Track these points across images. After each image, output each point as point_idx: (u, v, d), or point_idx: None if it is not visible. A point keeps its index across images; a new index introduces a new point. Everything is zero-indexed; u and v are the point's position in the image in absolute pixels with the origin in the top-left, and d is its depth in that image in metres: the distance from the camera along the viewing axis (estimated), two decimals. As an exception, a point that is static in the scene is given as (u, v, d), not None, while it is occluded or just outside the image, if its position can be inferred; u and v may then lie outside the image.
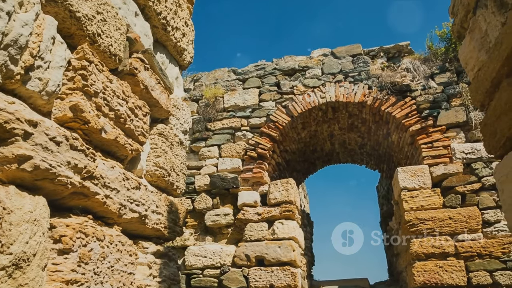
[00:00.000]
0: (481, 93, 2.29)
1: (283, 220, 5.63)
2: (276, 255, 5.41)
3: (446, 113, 5.65)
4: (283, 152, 6.90)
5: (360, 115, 6.45)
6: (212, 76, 7.14)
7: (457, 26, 2.63)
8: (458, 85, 5.80)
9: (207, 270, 5.69)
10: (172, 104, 3.05)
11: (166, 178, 2.77)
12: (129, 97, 2.29)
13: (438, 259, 4.96)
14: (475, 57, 2.40)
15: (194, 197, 6.18)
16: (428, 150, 5.55)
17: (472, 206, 5.14)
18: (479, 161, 5.32)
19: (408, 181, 5.39)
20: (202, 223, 6.04)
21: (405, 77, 6.07)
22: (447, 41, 6.19)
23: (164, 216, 2.67)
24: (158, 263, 2.59)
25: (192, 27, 3.55)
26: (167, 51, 3.20)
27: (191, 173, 6.29)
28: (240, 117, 6.51)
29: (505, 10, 1.91)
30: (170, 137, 2.94)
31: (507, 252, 4.84)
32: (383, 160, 7.66)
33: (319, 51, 6.82)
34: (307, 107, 6.26)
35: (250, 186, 6.03)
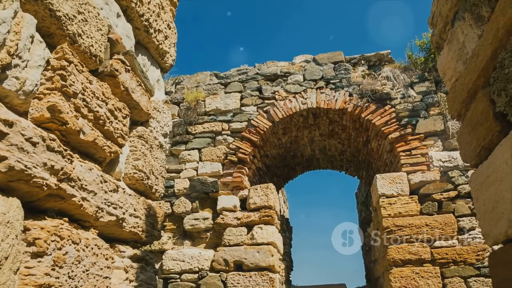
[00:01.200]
0: (458, 103, 2.34)
1: (262, 225, 5.63)
2: (255, 260, 5.40)
3: (425, 121, 5.76)
4: (264, 157, 6.91)
5: (340, 122, 6.51)
6: (194, 79, 7.11)
7: (436, 37, 2.69)
8: (436, 95, 5.92)
9: (185, 275, 5.64)
10: (152, 107, 3.03)
11: (145, 181, 2.74)
12: (109, 98, 2.26)
13: (414, 265, 5.04)
14: (452, 68, 2.45)
15: (173, 201, 6.12)
16: (406, 158, 5.64)
17: (448, 213, 5.24)
18: (455, 170, 5.43)
19: (387, 188, 5.46)
20: (181, 227, 5.99)
21: (385, 85, 6.16)
22: (426, 51, 6.32)
23: (142, 219, 2.64)
24: (135, 267, 2.56)
25: (175, 29, 3.54)
26: (149, 53, 3.18)
27: (171, 176, 6.24)
28: (221, 121, 6.50)
29: (481, 23, 1.96)
30: (150, 140, 2.91)
31: (481, 259, 4.95)
32: (363, 166, 7.75)
33: (301, 57, 6.87)
34: (288, 112, 6.30)
35: (230, 191, 6.02)
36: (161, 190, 3.05)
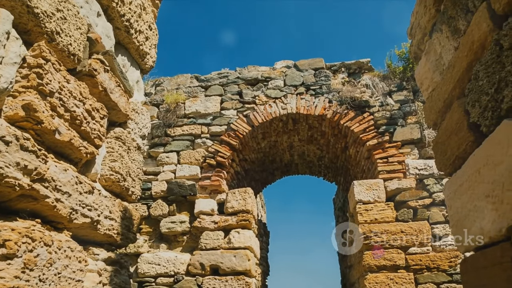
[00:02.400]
0: (434, 112, 2.39)
1: (240, 229, 5.62)
2: (231, 264, 5.38)
3: (402, 129, 5.86)
4: (242, 161, 6.91)
5: (319, 128, 6.57)
6: (175, 81, 7.07)
7: (414, 47, 2.74)
8: (414, 104, 6.03)
9: (160, 278, 5.56)
10: (131, 108, 2.99)
11: (122, 183, 2.70)
12: (87, 98, 2.23)
13: (389, 271, 5.10)
14: (429, 78, 2.50)
15: (150, 203, 6.05)
16: (383, 165, 5.72)
17: (423, 220, 5.33)
18: (431, 177, 5.54)
19: (364, 194, 5.53)
20: (157, 230, 5.91)
21: (364, 93, 6.25)
22: (405, 61, 6.43)
23: (118, 222, 2.60)
24: (109, 271, 2.51)
25: (156, 31, 3.51)
26: (129, 54, 3.14)
27: (148, 178, 6.17)
28: (201, 124, 6.47)
29: (458, 36, 2.01)
30: (128, 141, 2.87)
31: (454, 265, 5.05)
32: (340, 173, 7.82)
33: (283, 63, 6.91)
34: (268, 117, 6.31)
35: (208, 194, 5.99)
36: (137, 192, 3.02)
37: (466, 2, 1.86)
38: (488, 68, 1.68)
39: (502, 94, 1.58)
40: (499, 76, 1.60)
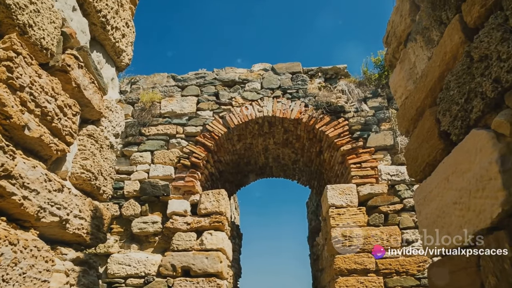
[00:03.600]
0: (407, 120, 2.44)
1: (212, 231, 5.59)
2: (203, 266, 5.34)
3: (376, 136, 5.96)
4: (217, 163, 6.88)
5: (295, 132, 6.61)
6: (151, 80, 6.98)
7: (390, 55, 2.80)
8: (388, 110, 6.15)
9: (130, 279, 5.47)
10: (105, 106, 2.94)
11: (93, 181, 2.65)
12: (59, 94, 2.18)
13: (359, 275, 5.17)
14: (403, 86, 2.55)
15: (122, 203, 5.95)
16: (356, 170, 5.80)
17: (393, 225, 5.43)
18: (402, 183, 5.65)
19: (337, 198, 5.59)
20: (129, 230, 5.82)
21: (340, 98, 6.33)
22: (380, 68, 6.55)
23: (87, 221, 2.55)
24: (77, 271, 2.46)
25: (133, 28, 3.47)
26: (105, 51, 3.09)
27: (121, 178, 6.07)
28: (176, 124, 6.41)
29: (431, 46, 2.06)
30: (100, 139, 2.82)
31: (422, 270, 5.16)
32: (314, 176, 7.89)
33: (260, 66, 6.92)
34: (244, 119, 6.31)
35: (181, 195, 5.93)
36: (109, 191, 2.97)
37: (440, 14, 1.91)
38: (459, 79, 1.73)
39: (471, 104, 1.63)
40: (469, 87, 1.64)
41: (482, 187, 1.51)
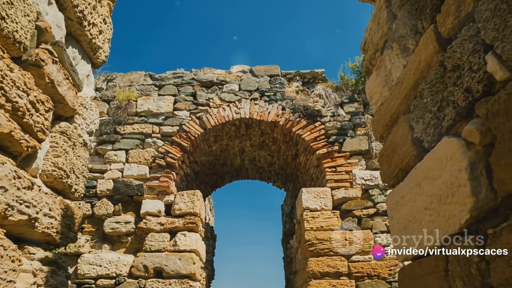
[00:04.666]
0: (381, 126, 2.48)
1: (186, 232, 5.55)
2: (176, 267, 5.30)
3: (351, 140, 6.05)
4: (193, 163, 6.84)
5: (272, 134, 6.63)
6: (128, 78, 6.89)
7: (367, 62, 2.84)
8: (364, 116, 6.24)
9: (100, 280, 5.37)
10: (79, 103, 2.88)
11: (64, 180, 2.59)
12: (31, 89, 2.12)
13: (332, 278, 5.22)
14: (379, 92, 2.59)
15: (94, 202, 5.83)
16: (331, 174, 5.87)
17: (366, 229, 5.51)
18: (376, 188, 5.74)
19: (311, 201, 5.63)
20: (101, 230, 5.71)
21: (317, 103, 6.39)
22: (357, 74, 6.65)
23: (58, 220, 2.49)
24: (45, 271, 2.39)
25: (111, 25, 3.41)
26: (81, 47, 3.03)
27: (94, 176, 5.96)
28: (152, 123, 6.34)
29: (407, 54, 2.10)
30: (74, 136, 2.76)
31: (393, 273, 5.25)
32: (290, 179, 7.93)
33: (239, 67, 6.92)
34: (221, 120, 6.30)
35: (156, 195, 5.87)
36: (81, 190, 2.90)
37: (416, 24, 1.95)
38: (433, 87, 1.77)
39: (443, 112, 1.67)
40: (441, 95, 1.68)
41: (452, 193, 1.54)
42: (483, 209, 1.38)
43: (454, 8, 1.57)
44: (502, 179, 1.27)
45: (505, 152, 1.25)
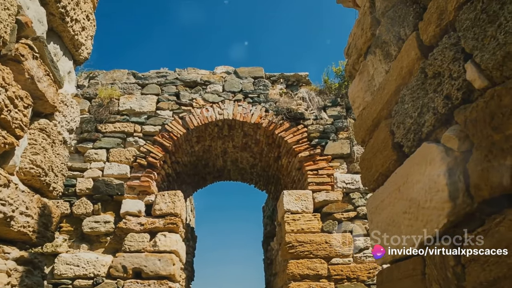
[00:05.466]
0: (363, 130, 2.50)
1: (166, 233, 5.50)
2: (155, 268, 5.25)
3: (333, 144, 6.09)
4: (175, 164, 6.79)
5: (254, 136, 6.64)
6: (110, 76, 6.80)
7: (350, 66, 2.87)
8: (346, 120, 6.30)
9: (78, 281, 5.28)
10: (60, 100, 2.84)
11: (42, 178, 2.54)
12: (10, 85, 2.08)
13: (312, 280, 5.25)
14: (361, 97, 2.62)
15: (73, 201, 5.73)
16: (313, 177, 5.90)
17: (346, 232, 5.55)
18: (356, 192, 5.79)
19: (292, 204, 5.65)
20: (79, 229, 5.62)
21: (300, 106, 6.42)
22: (341, 78, 6.71)
23: (35, 219, 2.44)
24: (20, 271, 2.35)
25: (94, 22, 3.37)
26: (62, 43, 2.98)
27: (73, 175, 5.86)
28: (134, 122, 6.27)
29: (389, 60, 2.13)
30: (53, 134, 2.72)
31: (372, 276, 5.30)
32: (272, 181, 7.94)
33: (223, 68, 6.91)
34: (204, 121, 6.27)
35: (136, 195, 5.80)
36: (60, 188, 2.86)
37: (399, 30, 1.98)
38: (414, 93, 1.80)
39: (424, 118, 1.70)
40: (422, 101, 1.71)
41: (430, 198, 1.57)
42: (460, 214, 1.41)
43: (436, 16, 1.60)
44: (479, 185, 1.29)
45: (481, 158, 1.28)
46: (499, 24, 1.22)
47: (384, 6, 2.14)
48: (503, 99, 1.18)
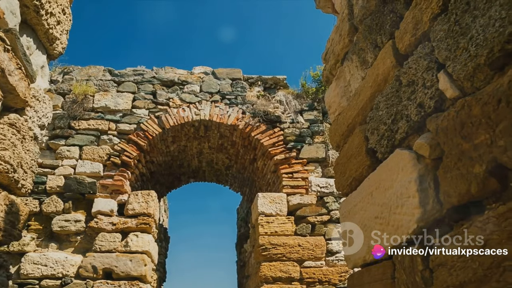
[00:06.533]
0: (338, 135, 2.53)
1: (139, 233, 5.43)
2: (126, 268, 5.17)
3: (309, 147, 6.14)
4: (149, 163, 6.71)
5: (230, 137, 6.62)
6: (86, 72, 6.67)
7: (327, 71, 2.89)
8: (322, 124, 6.36)
9: (45, 281, 5.13)
10: (31, 94, 2.76)
11: (11, 174, 2.47)
12: (-20, 78, 2.01)
13: (284, 283, 5.27)
14: (337, 102, 2.65)
15: (43, 199, 5.58)
16: (288, 180, 5.93)
17: (319, 236, 5.60)
18: (330, 196, 5.85)
19: (267, 206, 5.66)
20: (48, 228, 5.47)
21: (277, 108, 6.44)
22: (318, 83, 6.77)
23: (1, 216, 2.37)
24: (-16, 270, 2.27)
25: (70, 16, 3.30)
26: (36, 36, 2.91)
27: (44, 172, 5.71)
28: (109, 120, 6.16)
29: (366, 67, 2.16)
30: (23, 129, 2.64)
31: (343, 280, 5.36)
32: (247, 184, 7.94)
33: (201, 68, 6.87)
34: (180, 121, 6.22)
35: (109, 194, 5.70)
36: (29, 185, 2.78)
37: (376, 38, 2.01)
38: (388, 101, 1.83)
39: (397, 125, 1.73)
40: (396, 109, 1.74)
41: (401, 203, 1.60)
42: (429, 220, 1.44)
43: (412, 26, 1.64)
44: (448, 191, 1.33)
45: (451, 166, 1.31)
46: (471, 36, 1.25)
47: (362, 14, 2.17)
48: (473, 109, 1.21)
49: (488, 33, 1.16)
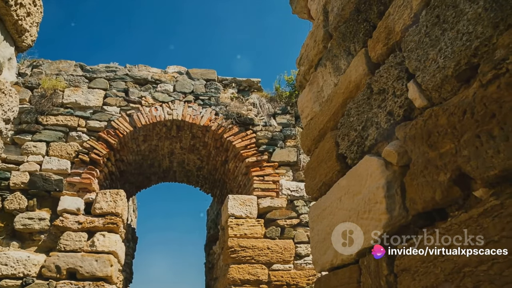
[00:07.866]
0: (310, 139, 2.56)
1: (106, 233, 5.32)
2: (91, 269, 5.06)
3: (281, 151, 6.18)
4: (119, 162, 6.60)
5: (203, 138, 6.59)
6: (56, 66, 6.50)
7: (301, 76, 2.92)
8: (294, 128, 6.42)
9: (5, 281, 4.95)
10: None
11: (-27, 169, 2.38)
12: None
13: (252, 285, 5.27)
14: (310, 107, 2.68)
15: (6, 195, 5.39)
16: (259, 183, 5.95)
17: (288, 239, 5.64)
18: (300, 199, 5.90)
19: (237, 209, 5.66)
20: (10, 225, 5.29)
21: (250, 111, 6.46)
22: (292, 87, 6.83)
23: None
24: None
25: (41, 8, 3.21)
26: (4, 27, 2.81)
27: (8, 167, 5.52)
28: (79, 116, 6.02)
29: (339, 74, 2.20)
30: (-12, 123, 2.55)
31: (311, 283, 5.41)
32: (218, 185, 7.92)
33: (175, 68, 6.82)
34: (152, 120, 6.15)
35: (76, 192, 5.56)
36: (-9, 181, 2.69)
37: (349, 45, 2.05)
38: (359, 108, 1.86)
39: (367, 132, 1.76)
40: (367, 116, 1.78)
41: (369, 209, 1.63)
42: (395, 226, 1.47)
43: (384, 35, 1.67)
44: (414, 198, 1.36)
45: (417, 173, 1.35)
46: (439, 48, 1.29)
47: (337, 21, 2.20)
48: (439, 119, 1.25)
49: (456, 46, 1.20)
